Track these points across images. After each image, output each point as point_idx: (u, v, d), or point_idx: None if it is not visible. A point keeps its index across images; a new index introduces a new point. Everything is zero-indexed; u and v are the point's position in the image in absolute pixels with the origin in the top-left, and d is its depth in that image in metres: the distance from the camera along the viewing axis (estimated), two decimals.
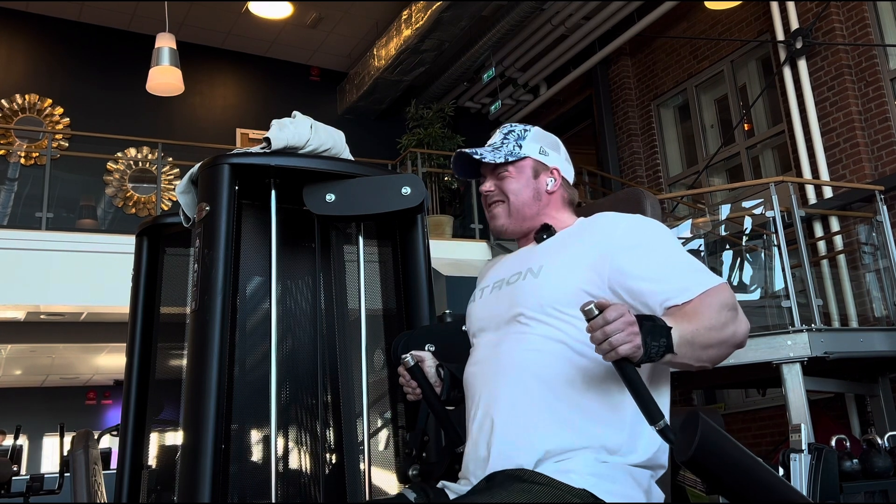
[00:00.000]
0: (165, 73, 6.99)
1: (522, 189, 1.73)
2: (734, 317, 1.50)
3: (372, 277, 2.24)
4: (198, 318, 1.88)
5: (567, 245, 1.65)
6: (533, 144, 1.77)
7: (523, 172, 1.74)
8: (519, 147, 1.75)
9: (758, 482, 1.24)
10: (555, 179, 1.77)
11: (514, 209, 1.73)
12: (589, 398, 1.50)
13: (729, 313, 1.49)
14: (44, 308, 7.93)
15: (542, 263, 1.63)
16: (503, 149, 1.75)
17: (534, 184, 1.74)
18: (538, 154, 1.76)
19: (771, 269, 6.66)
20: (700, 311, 1.46)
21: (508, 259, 1.79)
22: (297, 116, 2.13)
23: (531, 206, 1.73)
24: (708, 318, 1.46)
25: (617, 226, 1.61)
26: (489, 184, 1.76)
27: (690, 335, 1.41)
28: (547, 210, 1.75)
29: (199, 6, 8.98)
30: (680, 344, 1.37)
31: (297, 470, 2.08)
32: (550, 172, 1.77)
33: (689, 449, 1.18)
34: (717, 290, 1.51)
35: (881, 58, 6.85)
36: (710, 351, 1.45)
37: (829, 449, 4.56)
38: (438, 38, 8.64)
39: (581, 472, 1.44)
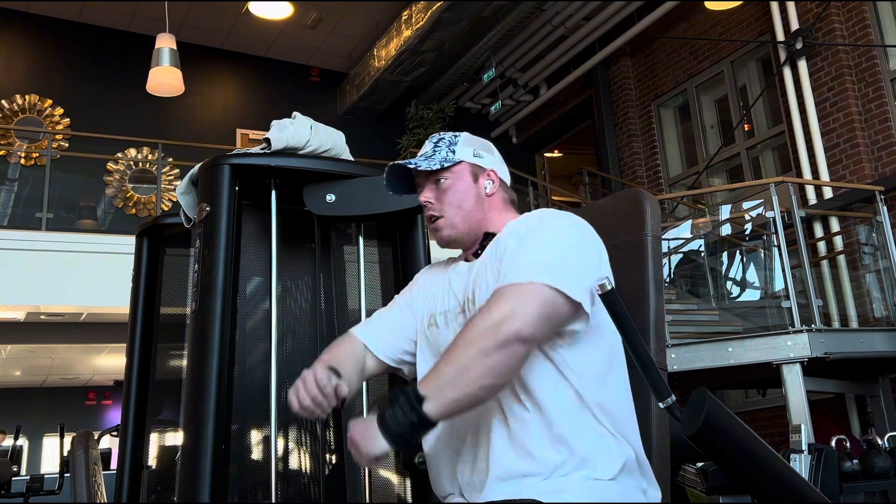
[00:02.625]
0: (165, 73, 6.99)
1: (464, 195, 1.66)
2: (490, 324, 1.39)
3: (372, 278, 2.24)
4: (198, 319, 1.89)
5: (491, 259, 1.59)
6: (466, 148, 1.70)
7: (462, 178, 1.67)
8: (452, 152, 1.68)
9: (761, 460, 1.27)
10: (493, 182, 1.70)
11: (460, 218, 1.65)
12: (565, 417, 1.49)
13: (485, 322, 1.40)
14: (44, 308, 7.93)
15: (476, 290, 1.58)
16: (436, 156, 1.68)
17: (474, 188, 1.67)
18: (473, 157, 1.69)
19: (771, 270, 6.67)
20: (464, 328, 1.43)
21: (453, 273, 1.70)
22: (297, 117, 2.13)
23: (475, 212, 1.66)
24: (459, 339, 1.41)
25: (521, 227, 1.59)
26: (428, 194, 1.67)
27: (445, 379, 1.37)
28: (490, 214, 1.68)
29: (199, 6, 8.98)
30: (437, 401, 1.35)
31: (297, 470, 2.08)
32: (487, 175, 1.70)
33: (695, 424, 1.21)
34: (507, 288, 1.43)
35: (881, 58, 6.86)
36: (471, 372, 1.37)
37: (829, 449, 4.56)
38: (438, 38, 8.65)
39: (575, 492, 1.44)
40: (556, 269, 1.45)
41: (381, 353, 1.73)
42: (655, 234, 1.76)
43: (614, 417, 1.53)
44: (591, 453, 1.47)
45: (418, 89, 10.11)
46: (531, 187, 9.63)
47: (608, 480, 1.47)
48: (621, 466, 1.49)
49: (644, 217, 1.77)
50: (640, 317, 1.70)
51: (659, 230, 1.78)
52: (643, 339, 1.51)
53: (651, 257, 1.74)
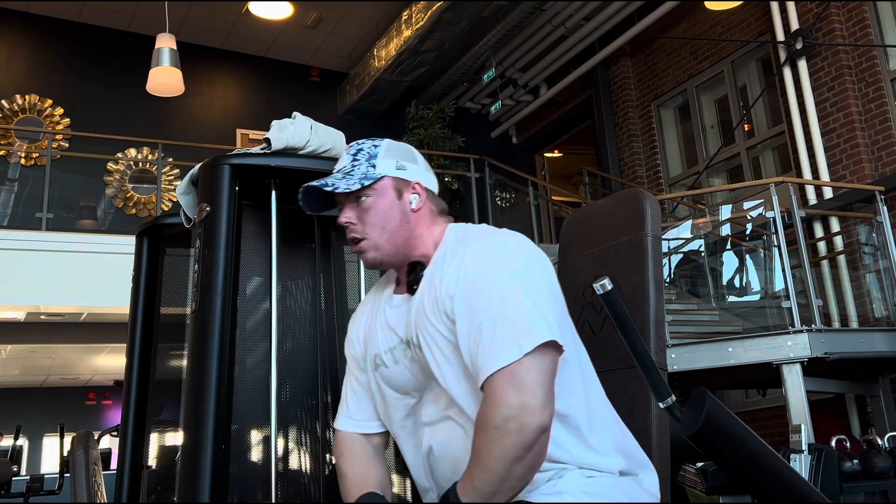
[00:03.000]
0: (165, 73, 6.99)
1: (387, 214, 1.54)
2: (511, 431, 1.32)
3: (372, 278, 2.24)
4: (198, 319, 1.89)
5: (432, 305, 1.49)
6: (388, 161, 1.57)
7: (385, 195, 1.55)
8: (373, 167, 1.56)
9: (761, 460, 1.27)
10: (418, 195, 1.57)
11: (384, 240, 1.54)
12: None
13: (506, 429, 1.32)
14: (44, 308, 7.93)
15: (419, 334, 1.50)
16: (355, 172, 1.55)
17: (398, 205, 1.55)
18: (395, 170, 1.57)
19: (771, 270, 6.67)
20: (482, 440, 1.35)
21: (388, 308, 1.61)
22: (297, 117, 2.13)
23: (401, 232, 1.55)
24: (487, 452, 1.33)
25: (460, 271, 1.46)
26: (349, 213, 1.56)
27: (488, 491, 1.33)
28: (418, 231, 1.56)
29: (199, 6, 8.98)
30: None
31: (297, 470, 2.08)
32: (412, 188, 1.57)
33: (695, 424, 1.21)
34: (506, 377, 1.35)
35: (881, 58, 6.86)
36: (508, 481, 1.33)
37: (829, 449, 4.56)
38: (438, 38, 8.64)
39: (573, 490, 1.42)
40: (531, 324, 1.38)
41: (379, 426, 1.67)
42: (655, 234, 1.76)
43: (598, 423, 1.51)
44: (582, 462, 1.47)
45: (418, 89, 10.11)
46: (531, 187, 9.63)
47: (604, 475, 1.47)
48: (620, 470, 1.49)
49: (644, 217, 1.76)
50: (640, 317, 1.70)
51: (659, 230, 1.78)
52: (643, 339, 1.50)
53: (651, 257, 1.74)
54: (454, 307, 1.44)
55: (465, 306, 1.43)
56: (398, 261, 1.58)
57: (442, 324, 1.46)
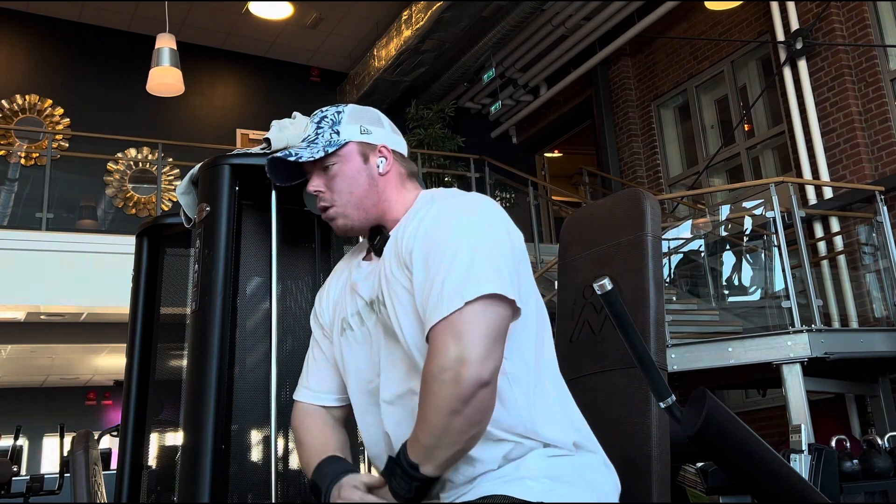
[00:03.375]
0: (165, 73, 6.99)
1: (355, 179, 1.54)
2: (448, 381, 1.30)
3: None
4: (198, 319, 1.89)
5: (395, 263, 1.49)
6: (351, 126, 1.58)
7: (351, 161, 1.55)
8: (336, 133, 1.56)
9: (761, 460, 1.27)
10: (385, 158, 1.57)
11: (352, 206, 1.54)
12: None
13: (442, 379, 1.31)
14: (44, 308, 7.93)
15: (385, 292, 1.49)
16: (319, 140, 1.56)
17: (365, 169, 1.55)
18: (360, 135, 1.57)
19: (771, 270, 6.67)
20: (423, 390, 1.34)
21: (356, 274, 1.60)
22: (298, 117, 2.13)
23: (370, 196, 1.54)
24: (425, 404, 1.33)
25: (420, 226, 1.47)
26: (317, 182, 1.56)
27: (430, 444, 1.33)
28: (387, 194, 1.55)
29: (199, 6, 8.98)
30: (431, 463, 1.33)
31: (297, 470, 2.08)
32: (378, 151, 1.57)
33: (695, 424, 1.21)
34: (446, 327, 1.33)
35: (881, 58, 6.86)
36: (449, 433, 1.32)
37: (829, 449, 4.57)
38: (438, 38, 8.64)
39: (536, 476, 1.40)
40: (481, 276, 1.36)
41: (338, 400, 1.65)
42: (655, 234, 1.76)
43: (556, 394, 1.49)
44: (541, 434, 1.43)
45: (418, 89, 10.11)
46: (531, 187, 9.63)
47: (567, 455, 1.44)
48: (574, 441, 1.46)
49: (644, 217, 1.76)
50: (640, 317, 1.70)
51: (659, 230, 1.78)
52: (643, 339, 1.50)
53: (651, 257, 1.74)
54: (412, 260, 1.44)
55: (421, 259, 1.42)
56: (369, 226, 1.57)
57: (404, 276, 1.45)
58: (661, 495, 1.61)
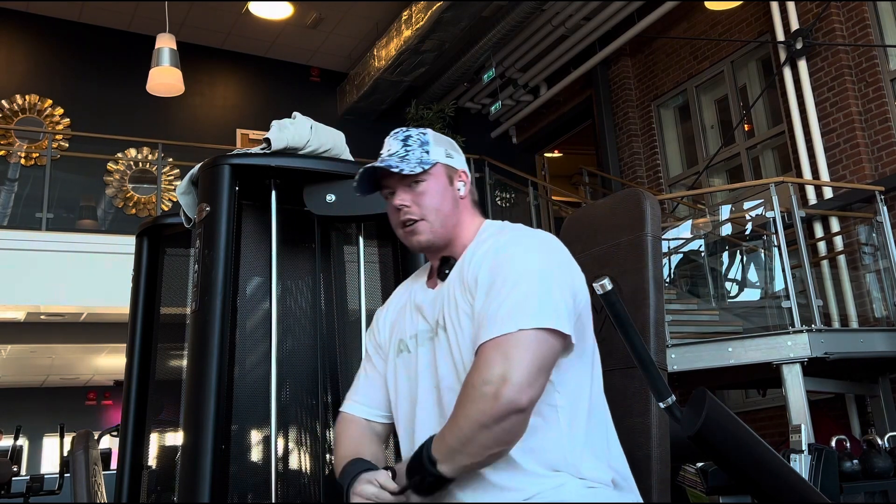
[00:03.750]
0: (165, 73, 6.99)
1: (442, 199, 1.59)
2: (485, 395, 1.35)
3: (372, 278, 2.24)
4: (198, 319, 1.89)
5: (460, 288, 1.54)
6: (438, 148, 1.63)
7: (439, 180, 1.60)
8: (426, 153, 1.61)
9: (761, 460, 1.27)
10: (465, 183, 1.65)
11: (439, 223, 1.59)
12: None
13: (480, 392, 1.35)
14: (44, 308, 7.93)
15: (446, 314, 1.55)
16: (411, 157, 1.60)
17: (451, 191, 1.61)
18: (445, 158, 1.63)
19: (771, 270, 6.67)
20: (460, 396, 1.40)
21: (419, 297, 1.66)
22: (297, 117, 2.13)
23: (451, 217, 1.60)
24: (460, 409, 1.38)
25: (487, 254, 1.53)
26: (403, 196, 1.59)
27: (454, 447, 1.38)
28: (463, 217, 1.63)
29: (199, 6, 8.98)
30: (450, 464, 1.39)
31: (297, 470, 2.08)
32: (460, 176, 1.65)
33: (695, 424, 1.21)
34: (496, 346, 1.38)
35: (881, 58, 6.86)
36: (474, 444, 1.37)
37: (829, 449, 4.56)
38: (439, 38, 8.64)
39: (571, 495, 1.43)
40: (539, 307, 1.41)
41: (382, 416, 1.69)
42: (655, 234, 1.76)
43: (602, 433, 1.52)
44: (581, 471, 1.46)
45: (418, 89, 10.11)
46: (531, 187, 9.63)
47: (605, 488, 1.47)
48: (612, 479, 1.49)
49: (644, 217, 1.77)
50: (640, 317, 1.70)
51: (659, 230, 1.78)
52: (643, 339, 1.51)
53: (651, 257, 1.74)
54: (477, 285, 1.50)
55: (485, 284, 1.48)
56: (444, 244, 1.62)
57: (466, 302, 1.51)
58: (661, 495, 1.61)
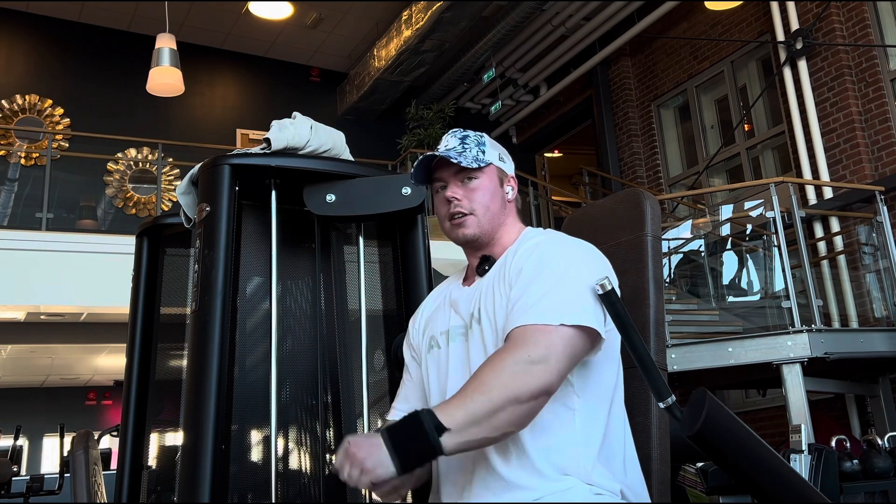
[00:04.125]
0: (165, 73, 6.99)
1: (492, 198, 1.66)
2: (527, 370, 1.37)
3: (372, 278, 2.24)
4: (198, 319, 1.88)
5: (499, 283, 1.59)
6: (493, 151, 1.70)
7: (492, 179, 1.67)
8: (482, 153, 1.67)
9: (761, 460, 1.27)
10: (513, 188, 1.72)
11: (487, 219, 1.65)
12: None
13: (522, 366, 1.37)
14: (44, 308, 7.93)
15: (482, 308, 1.58)
16: (467, 153, 1.65)
17: (500, 192, 1.68)
18: (499, 161, 1.70)
19: (771, 270, 6.67)
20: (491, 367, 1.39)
21: (455, 294, 1.71)
22: (297, 117, 2.13)
23: (499, 216, 1.67)
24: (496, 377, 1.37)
25: (529, 254, 1.58)
26: (455, 189, 1.65)
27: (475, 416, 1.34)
28: (508, 219, 1.69)
29: (199, 6, 8.98)
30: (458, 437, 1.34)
31: (297, 470, 2.08)
32: (510, 180, 1.72)
33: (695, 424, 1.22)
34: (539, 330, 1.41)
35: (881, 58, 6.86)
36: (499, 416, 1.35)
37: (829, 449, 4.56)
38: (439, 38, 8.64)
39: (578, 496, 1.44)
40: (582, 307, 1.45)
41: None
42: (655, 234, 1.76)
43: (616, 448, 1.53)
44: (591, 477, 1.47)
45: (418, 89, 10.11)
46: (531, 187, 9.63)
47: (612, 497, 1.47)
48: (620, 490, 1.50)
49: (644, 217, 1.77)
50: (640, 317, 1.70)
51: (659, 230, 1.78)
52: (643, 339, 1.51)
53: (651, 257, 1.74)
54: (519, 276, 1.53)
55: (525, 275, 1.52)
56: (487, 241, 1.66)
57: (503, 295, 1.54)
58: (661, 495, 1.61)
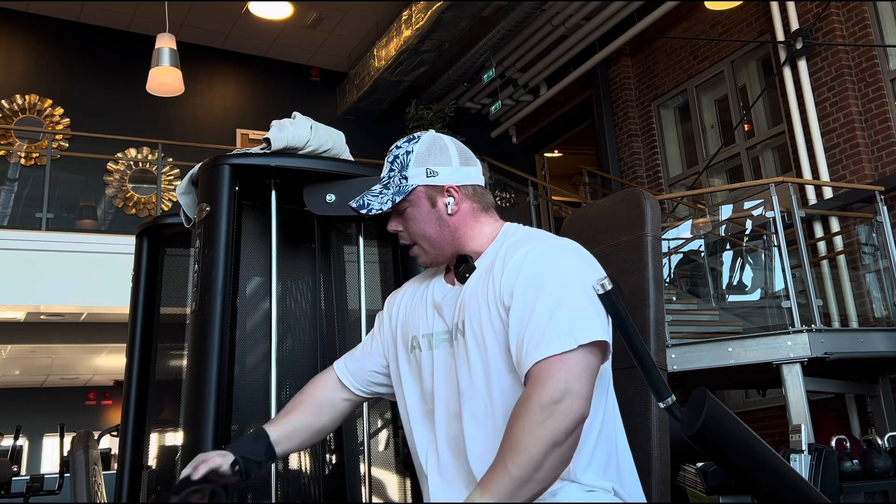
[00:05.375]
0: (165, 73, 6.99)
1: (424, 223, 1.58)
2: (555, 411, 1.32)
3: (372, 278, 2.24)
4: (198, 319, 1.88)
5: (486, 293, 1.52)
6: (418, 169, 1.58)
7: (419, 205, 1.58)
8: (405, 179, 1.58)
9: (761, 460, 1.27)
10: (453, 199, 1.59)
11: (429, 245, 1.59)
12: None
13: (550, 410, 1.32)
14: (44, 308, 7.93)
15: (466, 320, 1.53)
16: (391, 186, 1.59)
17: (434, 214, 1.58)
18: (426, 178, 1.58)
19: (771, 270, 6.66)
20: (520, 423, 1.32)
21: (437, 294, 1.64)
22: (297, 117, 2.13)
23: (443, 236, 1.58)
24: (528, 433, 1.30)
25: (520, 269, 1.49)
26: (395, 223, 1.62)
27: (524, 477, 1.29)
28: (460, 232, 1.59)
29: (199, 6, 8.98)
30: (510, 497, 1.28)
31: (297, 470, 2.08)
32: (445, 192, 1.58)
33: (695, 424, 1.22)
34: (556, 363, 1.36)
35: (881, 58, 6.85)
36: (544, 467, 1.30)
37: (829, 449, 4.56)
38: (438, 38, 8.64)
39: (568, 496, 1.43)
40: (590, 321, 1.41)
41: (354, 387, 1.72)
42: (655, 234, 1.76)
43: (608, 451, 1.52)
44: (580, 478, 1.46)
45: (418, 89, 10.11)
46: (531, 187, 9.63)
47: (605, 493, 1.47)
48: (613, 487, 1.49)
49: (644, 217, 1.77)
50: (640, 317, 1.70)
51: (659, 230, 1.78)
52: (643, 338, 1.51)
53: (651, 257, 1.74)
54: (513, 297, 1.46)
55: (521, 296, 1.45)
56: (446, 259, 1.62)
57: (496, 314, 1.49)
58: (661, 495, 1.61)
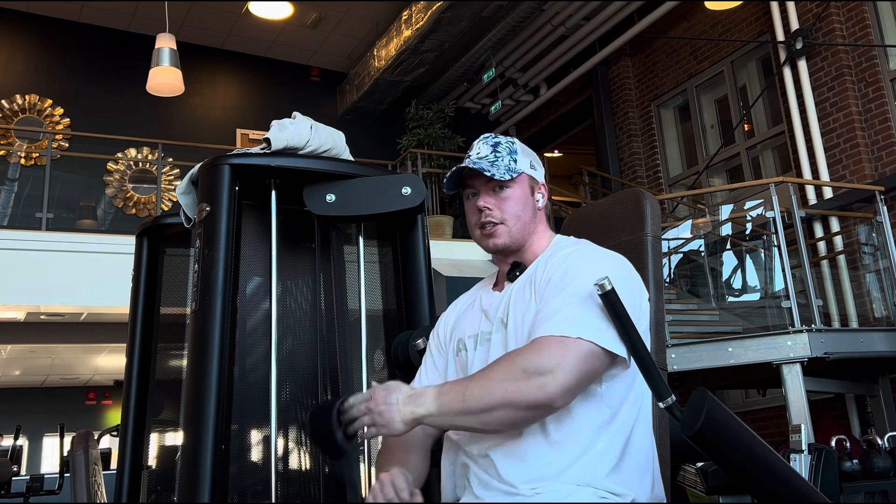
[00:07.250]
0: (165, 73, 6.99)
1: (523, 208, 1.65)
2: (531, 379, 1.39)
3: (372, 278, 2.24)
4: (198, 319, 1.88)
5: (528, 290, 1.59)
6: (525, 159, 1.69)
7: (523, 189, 1.66)
8: (514, 162, 1.66)
9: (761, 460, 1.27)
10: (543, 196, 1.70)
11: (517, 229, 1.64)
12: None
13: (528, 374, 1.39)
14: (44, 308, 7.92)
15: (511, 313, 1.59)
16: (499, 163, 1.65)
17: (531, 202, 1.67)
18: (530, 169, 1.69)
19: (771, 270, 6.66)
20: (501, 365, 1.44)
21: (484, 299, 1.71)
22: (297, 117, 2.13)
23: (529, 225, 1.66)
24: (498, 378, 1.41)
25: (563, 261, 1.57)
26: (487, 199, 1.65)
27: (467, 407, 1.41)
28: (539, 227, 1.68)
29: (199, 6, 8.98)
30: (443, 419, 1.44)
31: (297, 470, 2.08)
32: (540, 188, 1.70)
33: (695, 424, 1.22)
34: (557, 342, 1.42)
35: (881, 58, 6.85)
36: (492, 414, 1.40)
37: (829, 449, 4.56)
38: (438, 38, 8.64)
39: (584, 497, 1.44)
40: (604, 326, 1.43)
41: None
42: (655, 234, 1.76)
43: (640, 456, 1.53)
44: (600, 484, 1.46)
45: (418, 89, 10.11)
46: None
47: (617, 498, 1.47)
48: (633, 499, 1.49)
49: (644, 217, 1.77)
50: None
51: (659, 230, 1.78)
52: None
53: (651, 257, 1.74)
54: (549, 284, 1.53)
55: (552, 286, 1.52)
56: (517, 249, 1.66)
57: (534, 302, 1.55)
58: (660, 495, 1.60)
